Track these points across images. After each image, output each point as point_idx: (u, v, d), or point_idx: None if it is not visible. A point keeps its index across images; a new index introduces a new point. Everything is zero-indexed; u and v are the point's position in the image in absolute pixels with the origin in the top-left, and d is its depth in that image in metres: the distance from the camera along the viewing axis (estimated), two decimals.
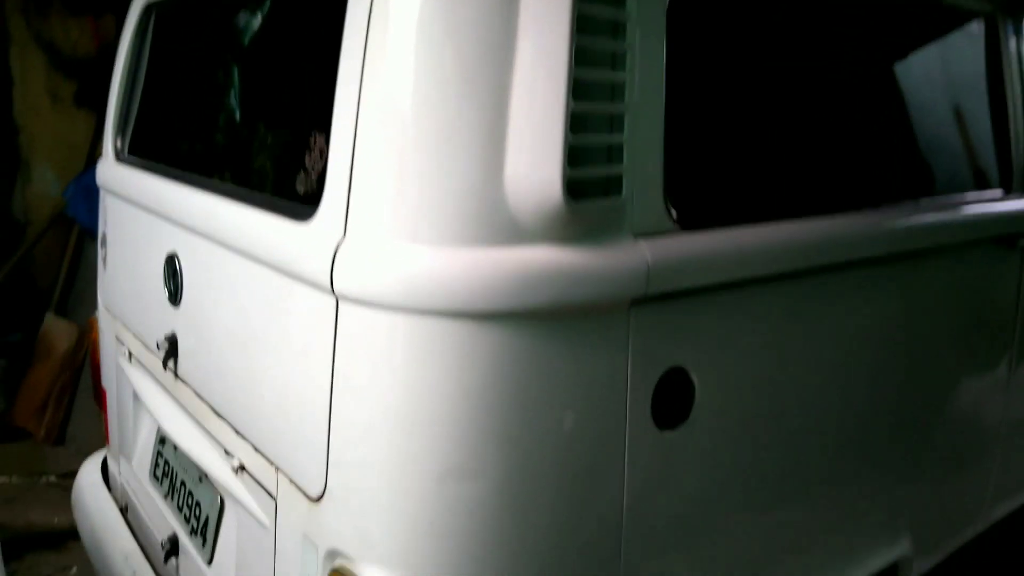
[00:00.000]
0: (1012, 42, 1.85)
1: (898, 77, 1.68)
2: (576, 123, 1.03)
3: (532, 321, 1.03)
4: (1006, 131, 1.83)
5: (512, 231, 1.01)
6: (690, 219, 1.18)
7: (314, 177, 1.22)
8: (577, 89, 1.03)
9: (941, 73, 1.79)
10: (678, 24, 1.15)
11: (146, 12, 1.94)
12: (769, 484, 1.39)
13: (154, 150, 1.87)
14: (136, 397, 1.86)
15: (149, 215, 1.70)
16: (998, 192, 1.82)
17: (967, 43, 1.84)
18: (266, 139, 1.51)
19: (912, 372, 1.66)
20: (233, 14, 1.67)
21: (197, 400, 1.52)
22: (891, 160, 1.61)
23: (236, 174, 1.55)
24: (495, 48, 1.01)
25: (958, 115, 1.81)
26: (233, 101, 1.67)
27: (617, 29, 1.09)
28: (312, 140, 1.24)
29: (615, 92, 1.09)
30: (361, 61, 1.06)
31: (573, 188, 1.03)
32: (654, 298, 1.13)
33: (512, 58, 1.02)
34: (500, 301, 1.00)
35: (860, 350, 1.52)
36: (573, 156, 1.03)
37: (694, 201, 1.19)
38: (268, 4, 1.57)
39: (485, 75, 1.01)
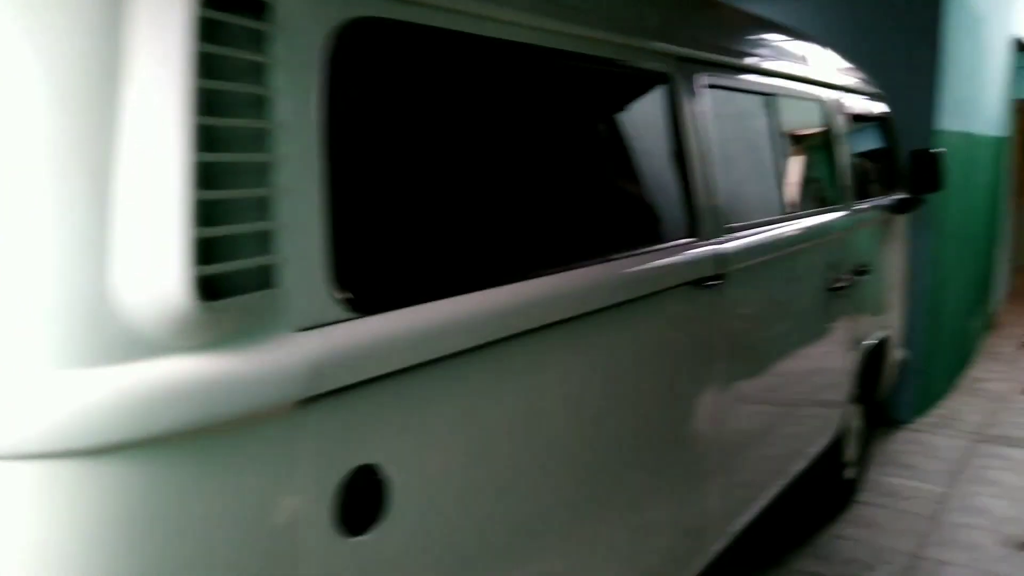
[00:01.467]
0: (687, 101, 1.99)
1: (585, 138, 1.73)
2: (209, 212, 0.91)
3: (169, 446, 0.88)
4: (690, 184, 1.96)
5: (129, 344, 0.86)
6: (364, 303, 1.09)
7: None
8: (209, 174, 0.91)
9: (627, 133, 1.88)
10: (335, 96, 1.07)
11: None
12: (491, 563, 1.33)
13: None
14: None
15: None
16: (688, 240, 1.93)
17: (651, 103, 1.94)
18: None
19: (625, 418, 1.70)
20: None
21: None
22: (583, 220, 1.64)
23: None
24: (94, 122, 0.85)
25: (647, 172, 1.91)
26: None
27: (261, 106, 0.99)
28: None
29: (261, 175, 0.98)
30: None
31: (209, 287, 0.90)
32: (328, 395, 1.03)
33: (114, 134, 0.86)
34: (119, 430, 0.83)
35: (569, 407, 1.52)
36: (207, 250, 0.90)
37: (367, 284, 1.11)
38: None
39: (80, 155, 0.84)
